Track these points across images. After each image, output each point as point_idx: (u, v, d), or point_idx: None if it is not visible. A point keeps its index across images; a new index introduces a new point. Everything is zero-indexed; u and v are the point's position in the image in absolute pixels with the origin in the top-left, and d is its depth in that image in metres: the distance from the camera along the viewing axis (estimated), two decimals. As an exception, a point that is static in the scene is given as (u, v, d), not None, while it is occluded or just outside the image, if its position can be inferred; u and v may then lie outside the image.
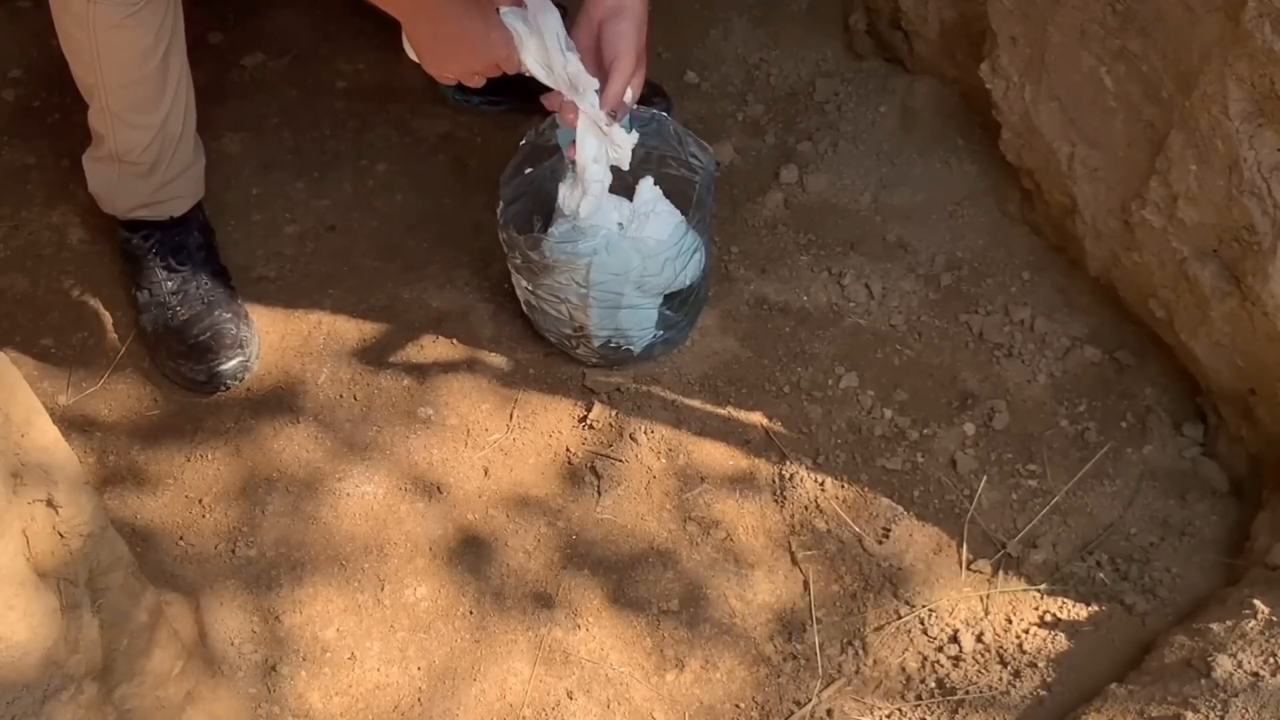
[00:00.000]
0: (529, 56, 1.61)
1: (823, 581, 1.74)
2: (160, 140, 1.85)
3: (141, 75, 1.76)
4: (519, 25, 1.60)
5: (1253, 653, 1.47)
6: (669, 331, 1.90)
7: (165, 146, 1.86)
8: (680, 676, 1.67)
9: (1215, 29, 1.56)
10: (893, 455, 1.83)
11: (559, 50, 1.59)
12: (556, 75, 1.62)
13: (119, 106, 1.80)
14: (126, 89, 1.78)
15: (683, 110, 2.22)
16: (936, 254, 2.03)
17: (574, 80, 1.62)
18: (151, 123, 1.82)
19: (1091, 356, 1.91)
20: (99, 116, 1.83)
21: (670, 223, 1.86)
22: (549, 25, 1.59)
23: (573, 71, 1.61)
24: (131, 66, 1.75)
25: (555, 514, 1.80)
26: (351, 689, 1.67)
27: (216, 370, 1.88)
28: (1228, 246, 1.65)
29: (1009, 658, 1.64)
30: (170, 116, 1.83)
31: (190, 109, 1.87)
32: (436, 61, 1.62)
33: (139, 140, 1.83)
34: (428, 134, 2.22)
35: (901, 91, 2.19)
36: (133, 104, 1.80)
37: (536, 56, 1.61)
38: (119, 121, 1.82)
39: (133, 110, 1.81)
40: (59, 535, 1.22)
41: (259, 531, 1.78)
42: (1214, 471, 1.79)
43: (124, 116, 1.81)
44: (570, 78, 1.61)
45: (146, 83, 1.78)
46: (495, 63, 1.61)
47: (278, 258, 2.07)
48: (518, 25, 1.60)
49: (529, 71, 1.63)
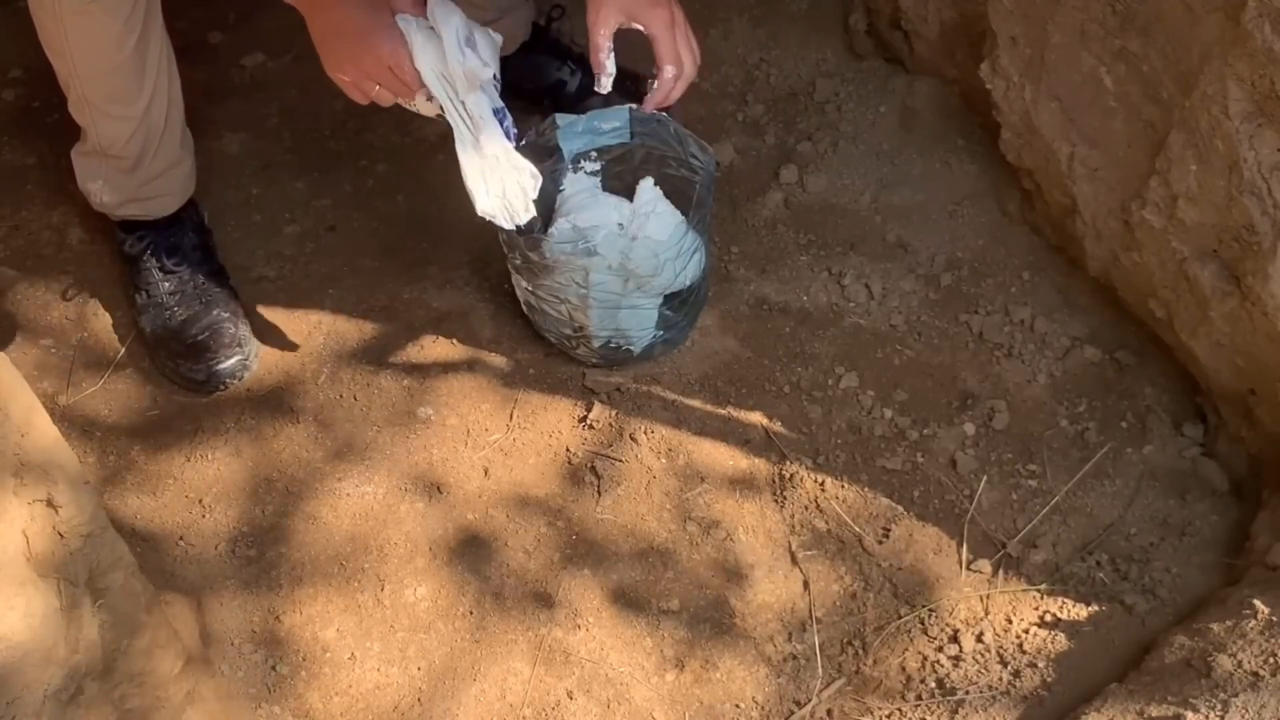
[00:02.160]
0: (424, 65, 1.57)
1: (823, 581, 1.74)
2: (144, 133, 1.84)
3: (115, 64, 1.75)
4: (415, 34, 1.57)
5: (1253, 653, 1.47)
6: (669, 331, 1.90)
7: (149, 140, 1.85)
8: (680, 676, 1.67)
9: (1215, 29, 1.56)
10: (893, 455, 1.83)
11: (457, 49, 1.57)
12: (451, 71, 1.58)
13: (95, 96, 1.79)
14: (100, 78, 1.77)
15: (683, 110, 2.22)
16: (936, 254, 2.03)
17: (468, 76, 1.58)
18: (131, 114, 1.82)
19: (1091, 356, 1.91)
20: (78, 108, 1.83)
21: (670, 223, 1.86)
22: (450, 24, 1.57)
23: (469, 68, 1.58)
24: (103, 55, 1.74)
25: (555, 514, 1.80)
26: (351, 689, 1.67)
27: (215, 369, 1.88)
28: (1228, 246, 1.65)
29: (1009, 658, 1.64)
30: (152, 108, 1.83)
31: (175, 103, 1.86)
32: (329, 57, 1.59)
33: (120, 132, 1.83)
34: (428, 134, 2.22)
35: (901, 91, 2.19)
36: (108, 94, 1.80)
37: (433, 66, 1.57)
38: (97, 112, 1.82)
39: (109, 100, 1.80)
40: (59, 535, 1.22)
41: (259, 531, 1.78)
42: (1214, 471, 1.79)
43: (102, 107, 1.81)
44: (466, 74, 1.58)
45: (121, 72, 1.77)
46: (384, 64, 1.57)
47: (278, 258, 2.07)
48: (414, 34, 1.57)
49: (422, 89, 1.59)
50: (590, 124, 1.91)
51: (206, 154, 2.12)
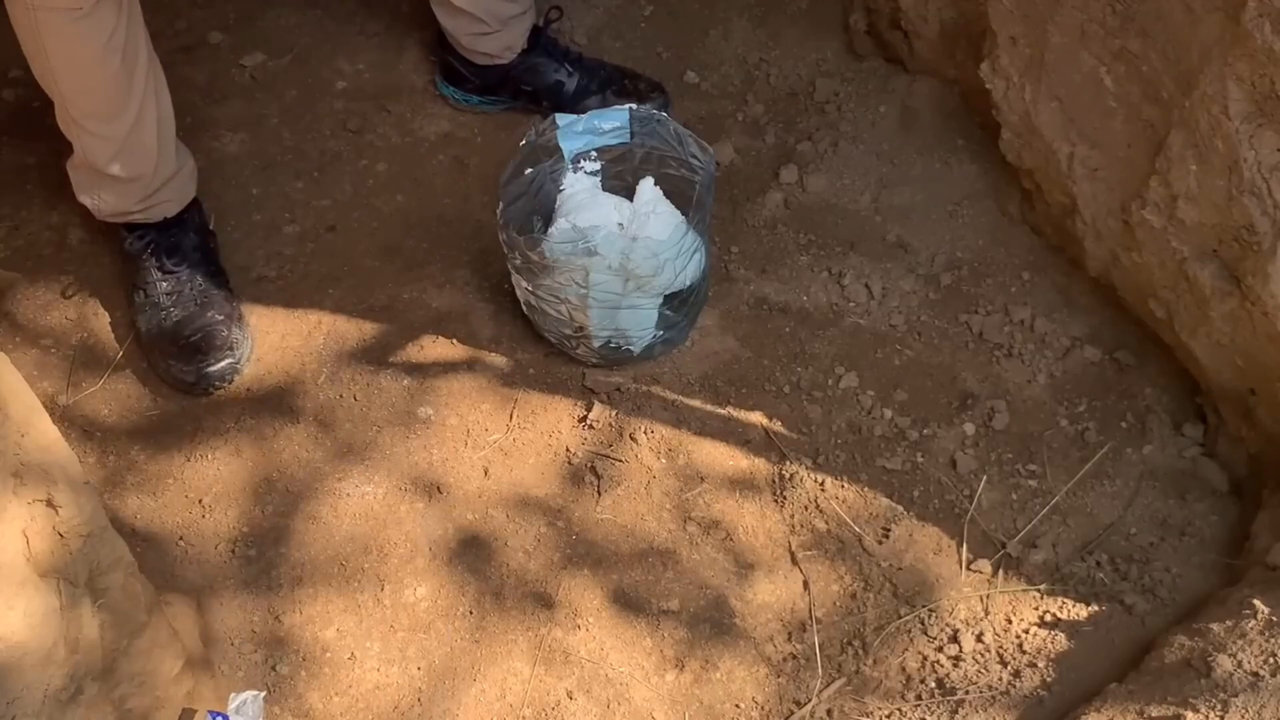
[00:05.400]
0: None
1: (823, 581, 1.74)
2: (134, 153, 1.83)
3: (98, 82, 1.74)
4: None
5: (1253, 653, 1.47)
6: (669, 331, 1.90)
7: (143, 161, 1.84)
8: (680, 676, 1.67)
9: (1215, 29, 1.56)
10: (893, 455, 1.83)
11: None
12: None
13: (78, 113, 1.78)
14: (83, 96, 1.76)
15: (683, 110, 2.22)
16: (936, 254, 2.03)
17: None
18: (115, 133, 1.80)
19: (1091, 356, 1.91)
20: (64, 123, 1.82)
21: (670, 223, 1.86)
22: None
23: None
24: (84, 73, 1.72)
25: (555, 514, 1.80)
26: (351, 689, 1.67)
27: (204, 372, 1.88)
28: (1228, 246, 1.65)
29: (1009, 658, 1.64)
30: (141, 127, 1.81)
31: (166, 120, 1.85)
32: None
33: (105, 149, 1.81)
34: (428, 134, 2.23)
35: (901, 91, 2.19)
36: (91, 111, 1.78)
37: None
38: (80, 129, 1.80)
39: (92, 118, 1.79)
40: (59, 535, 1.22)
41: (259, 531, 1.78)
42: (1214, 471, 1.79)
43: (84, 124, 1.80)
44: None
45: (104, 90, 1.76)
46: None
47: (278, 258, 2.07)
48: None
49: None
50: (590, 124, 1.91)
51: (206, 154, 2.12)
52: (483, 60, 2.17)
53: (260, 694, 1.58)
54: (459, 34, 2.15)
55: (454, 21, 2.14)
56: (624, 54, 2.32)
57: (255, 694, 1.58)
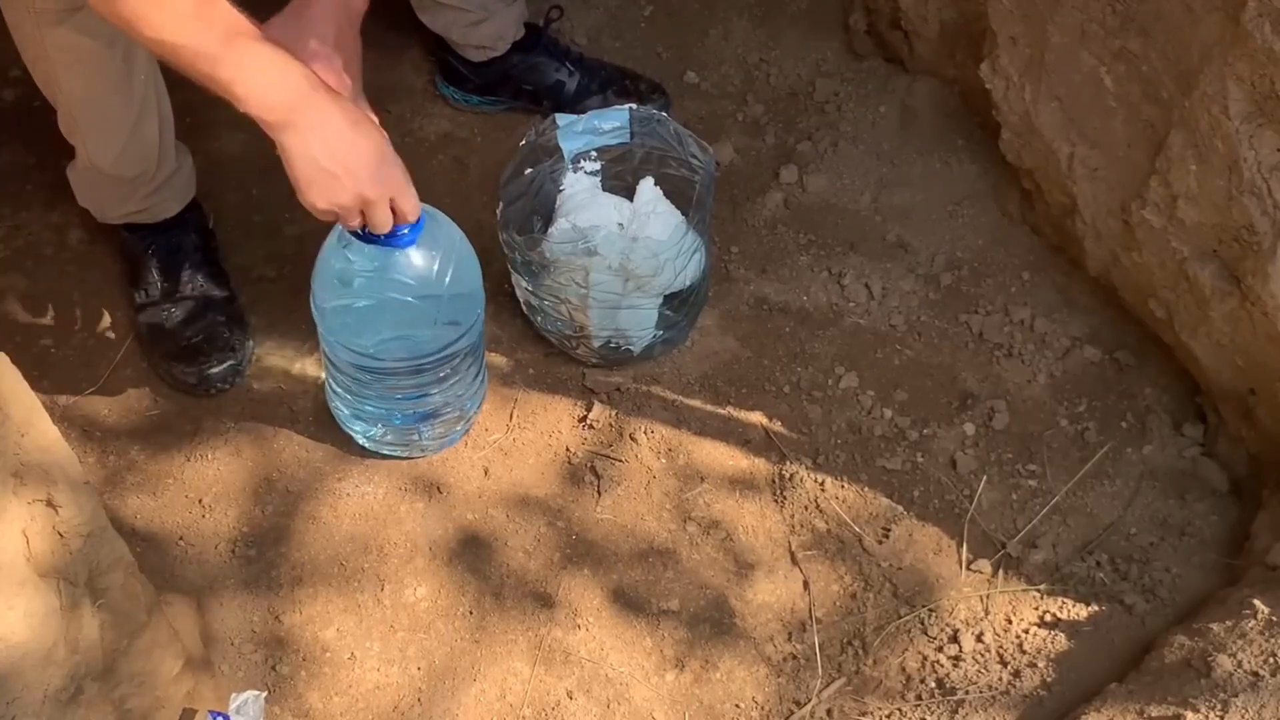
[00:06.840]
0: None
1: (823, 581, 1.74)
2: (137, 152, 1.82)
3: (98, 83, 1.72)
4: None
5: (1253, 653, 1.47)
6: (669, 331, 1.90)
7: (146, 159, 1.84)
8: (680, 676, 1.67)
9: (1215, 29, 1.56)
10: (893, 455, 1.83)
11: None
12: None
13: (80, 115, 1.77)
14: (85, 97, 1.74)
15: (683, 110, 2.22)
16: (936, 254, 2.03)
17: None
18: (119, 134, 1.79)
19: (1091, 356, 1.91)
20: (65, 127, 1.81)
21: (670, 223, 1.86)
22: None
23: None
24: (85, 73, 1.71)
25: (555, 514, 1.80)
26: (351, 689, 1.67)
27: (207, 373, 1.88)
28: (1228, 246, 1.65)
29: (1009, 658, 1.64)
30: (143, 127, 1.80)
31: (166, 119, 1.85)
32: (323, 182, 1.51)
33: (109, 151, 1.81)
34: (428, 134, 2.22)
35: (901, 91, 2.19)
36: (93, 112, 1.77)
37: None
38: (85, 133, 1.80)
39: (94, 118, 1.78)
40: (59, 535, 1.22)
41: (259, 531, 1.78)
42: (1214, 471, 1.79)
43: (86, 125, 1.79)
44: None
45: (105, 91, 1.74)
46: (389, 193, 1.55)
47: (278, 258, 2.07)
48: None
49: None
50: (590, 124, 1.91)
51: (206, 154, 2.12)
52: (479, 55, 2.17)
53: (261, 694, 1.58)
54: (450, 32, 2.15)
55: (443, 20, 2.14)
56: (624, 54, 2.32)
57: (256, 694, 1.58)
